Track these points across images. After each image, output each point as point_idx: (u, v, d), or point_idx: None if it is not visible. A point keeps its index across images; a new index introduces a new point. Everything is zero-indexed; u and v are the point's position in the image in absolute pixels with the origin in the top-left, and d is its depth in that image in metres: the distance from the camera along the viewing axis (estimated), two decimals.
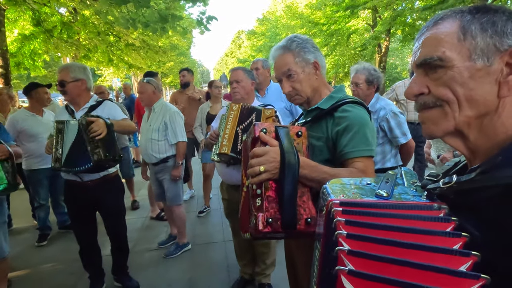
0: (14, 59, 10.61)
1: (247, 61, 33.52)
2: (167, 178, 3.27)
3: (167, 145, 3.23)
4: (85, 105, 2.53)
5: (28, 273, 3.22)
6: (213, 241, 3.71)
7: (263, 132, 1.19)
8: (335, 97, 1.39)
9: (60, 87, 2.43)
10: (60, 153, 2.32)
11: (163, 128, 3.19)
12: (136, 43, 11.06)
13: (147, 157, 3.26)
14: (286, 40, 1.42)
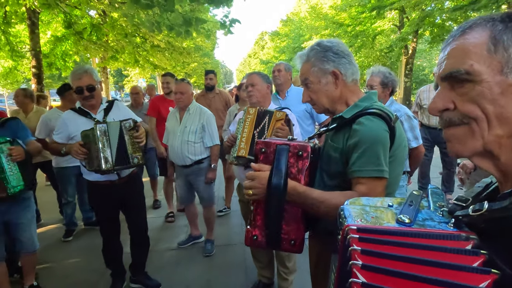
0: (47, 60, 11.04)
1: (270, 63, 33.53)
2: (201, 180, 3.32)
3: (202, 147, 3.27)
4: (101, 107, 2.59)
5: (54, 267, 3.34)
6: (232, 243, 3.73)
7: (262, 151, 1.24)
8: (360, 105, 1.31)
9: (89, 92, 2.43)
10: (109, 154, 2.36)
11: (200, 130, 3.22)
12: (161, 44, 11.28)
13: (180, 159, 3.26)
14: (308, 48, 1.39)
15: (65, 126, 2.53)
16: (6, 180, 2.28)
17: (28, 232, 2.60)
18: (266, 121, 2.27)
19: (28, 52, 11.34)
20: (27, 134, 2.59)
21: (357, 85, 1.37)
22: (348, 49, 1.36)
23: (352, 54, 1.37)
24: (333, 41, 1.35)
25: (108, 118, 2.53)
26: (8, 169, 2.29)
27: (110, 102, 2.64)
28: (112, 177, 2.55)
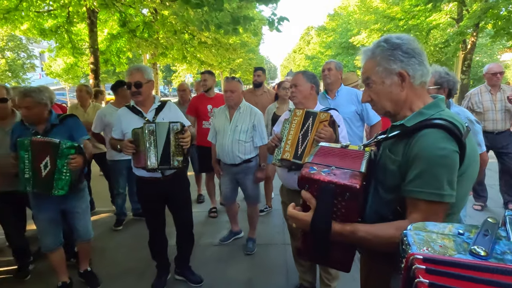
0: (103, 56, 11.74)
1: (315, 58, 32.93)
2: (249, 179, 3.34)
3: (251, 146, 3.28)
4: (152, 107, 2.66)
5: (105, 254, 3.56)
6: (273, 242, 3.72)
7: (304, 189, 1.12)
8: (425, 113, 1.14)
9: (136, 88, 2.53)
10: (154, 153, 2.44)
11: (250, 130, 3.23)
12: (208, 41, 11.52)
13: (230, 158, 3.28)
14: (374, 44, 1.25)
15: (119, 123, 2.66)
16: (56, 183, 2.43)
17: (83, 221, 2.77)
18: (310, 123, 2.21)
19: (87, 49, 12.17)
20: (82, 133, 2.71)
21: (424, 89, 1.22)
22: (420, 46, 1.19)
23: (425, 53, 1.20)
24: (403, 38, 1.19)
25: (158, 118, 2.61)
26: (63, 173, 2.44)
27: (162, 103, 2.71)
28: (157, 175, 2.64)
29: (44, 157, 2.44)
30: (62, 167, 2.43)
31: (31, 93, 2.46)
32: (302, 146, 2.21)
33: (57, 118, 2.65)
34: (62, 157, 2.42)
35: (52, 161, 2.43)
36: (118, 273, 3.17)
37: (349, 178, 1.05)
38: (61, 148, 2.41)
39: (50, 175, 2.43)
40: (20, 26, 9.72)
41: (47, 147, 2.43)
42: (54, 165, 2.42)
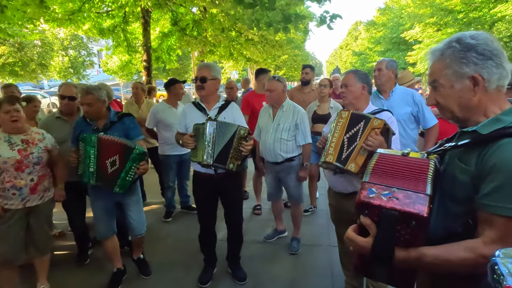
0: (155, 54, 12.26)
1: (363, 54, 31.77)
2: (291, 177, 3.33)
3: (294, 145, 3.26)
4: (216, 105, 2.74)
5: (155, 245, 3.73)
6: (318, 243, 3.67)
7: (363, 214, 1.03)
8: (503, 120, 1.02)
9: (200, 82, 2.65)
10: (212, 149, 2.52)
11: (293, 128, 3.22)
12: (255, 38, 11.57)
13: (272, 156, 3.29)
14: (445, 43, 1.12)
15: (184, 118, 2.79)
16: (119, 181, 2.59)
17: (135, 213, 2.90)
18: (361, 127, 2.12)
19: (140, 47, 12.81)
20: (138, 132, 2.84)
21: (501, 92, 1.09)
22: (500, 45, 1.06)
23: (504, 53, 1.07)
24: (479, 38, 1.06)
25: (220, 116, 2.68)
26: (128, 175, 2.60)
27: (226, 102, 2.77)
28: (210, 171, 2.71)
29: (111, 155, 2.60)
30: (130, 169, 2.58)
31: (92, 91, 2.63)
32: (347, 150, 2.13)
33: (116, 115, 2.81)
34: (132, 161, 2.58)
35: (121, 161, 2.58)
36: (166, 264, 3.31)
37: (415, 204, 0.94)
38: (134, 153, 2.57)
39: (117, 173, 2.59)
40: (82, 26, 10.45)
41: (117, 147, 2.59)
42: (123, 166, 2.58)
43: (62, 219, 3.81)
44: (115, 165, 2.60)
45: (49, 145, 2.70)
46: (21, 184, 2.52)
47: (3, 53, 16.42)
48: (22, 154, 2.51)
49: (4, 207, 2.52)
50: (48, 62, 18.59)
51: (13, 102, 2.53)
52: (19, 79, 18.07)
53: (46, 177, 2.70)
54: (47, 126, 3.00)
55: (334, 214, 2.60)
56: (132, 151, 2.57)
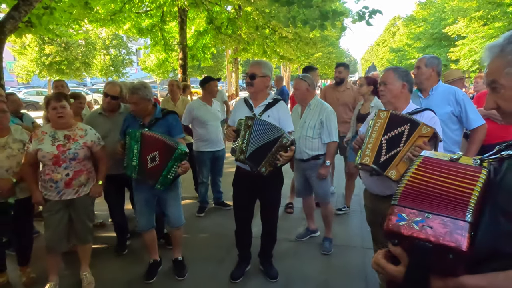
0: (190, 52, 12.53)
1: (401, 51, 30.60)
2: (316, 175, 3.33)
3: (320, 143, 3.26)
4: (263, 102, 2.75)
5: (189, 239, 3.81)
6: (351, 245, 3.59)
7: (393, 243, 0.92)
8: None
9: (250, 79, 2.69)
10: (245, 146, 2.55)
11: (318, 126, 3.22)
12: (289, 36, 11.49)
13: (298, 153, 3.29)
14: (505, 38, 0.98)
15: (234, 112, 2.87)
16: (161, 179, 2.69)
17: (174, 207, 2.99)
18: (405, 132, 2.02)
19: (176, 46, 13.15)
20: (179, 131, 2.94)
21: None
22: None
23: None
24: None
25: (264, 115, 2.68)
26: (170, 173, 2.69)
27: (274, 101, 2.76)
28: (248, 168, 2.73)
29: (152, 151, 2.70)
30: (172, 168, 2.67)
31: (137, 91, 2.74)
32: (387, 154, 2.05)
33: (161, 112, 2.91)
34: (174, 160, 2.66)
35: (162, 158, 2.67)
36: (199, 258, 3.39)
37: (452, 234, 0.82)
38: (177, 153, 2.65)
39: (158, 170, 2.68)
40: (123, 26, 10.89)
41: (160, 144, 2.68)
42: (165, 164, 2.66)
43: (103, 210, 4.01)
44: (155, 161, 2.68)
45: (90, 141, 2.80)
46: (57, 178, 2.64)
47: (51, 52, 17.50)
48: (60, 149, 2.64)
49: (45, 197, 2.68)
50: (91, 60, 19.61)
51: (60, 99, 2.68)
52: (65, 77, 19.18)
53: (83, 172, 2.78)
54: (90, 122, 3.16)
55: (370, 216, 2.53)
56: (174, 151, 2.65)
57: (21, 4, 4.98)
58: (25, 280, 2.95)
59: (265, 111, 2.72)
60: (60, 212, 2.72)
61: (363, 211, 2.54)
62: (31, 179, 2.67)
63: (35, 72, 17.94)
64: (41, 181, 2.69)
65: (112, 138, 3.18)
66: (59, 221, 2.72)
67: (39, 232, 3.70)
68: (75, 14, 8.39)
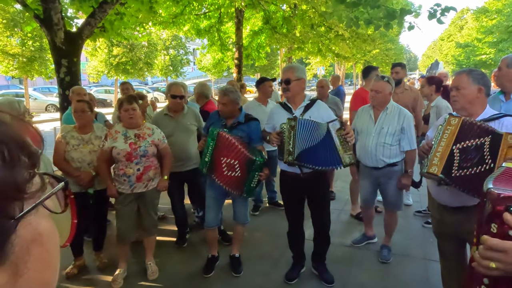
0: (245, 52, 12.76)
1: (469, 46, 28.12)
2: (392, 183, 3.17)
3: (397, 150, 3.09)
4: (302, 104, 2.76)
5: (245, 237, 3.89)
6: (412, 255, 3.41)
7: (509, 211, 0.86)
8: None
9: (285, 85, 2.71)
10: (292, 147, 2.57)
11: (398, 133, 3.04)
12: (346, 34, 11.17)
13: (372, 161, 3.14)
14: None
15: (272, 118, 2.89)
16: (247, 187, 2.82)
17: (241, 206, 3.12)
18: (486, 145, 1.86)
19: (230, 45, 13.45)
20: (259, 139, 3.00)
21: None
22: None
23: None
24: None
25: (305, 115, 2.69)
26: (252, 182, 2.81)
27: (312, 101, 2.79)
28: (297, 170, 2.74)
29: (228, 156, 2.80)
30: (253, 177, 2.79)
31: (229, 93, 2.89)
32: (463, 169, 1.90)
33: (244, 118, 3.02)
34: (255, 171, 2.78)
35: (243, 170, 2.78)
36: (254, 256, 3.45)
37: None
38: (256, 164, 2.76)
39: (242, 181, 2.81)
40: (183, 28, 11.42)
41: (240, 155, 2.77)
42: (247, 175, 2.78)
43: (165, 203, 4.26)
44: (235, 171, 2.80)
45: (156, 139, 3.01)
46: (130, 173, 2.89)
47: (118, 53, 18.91)
48: (132, 147, 2.87)
49: (118, 190, 2.93)
50: (152, 61, 20.83)
51: (131, 101, 2.91)
52: (129, 76, 20.62)
53: (151, 168, 3.00)
54: (156, 122, 3.38)
55: (437, 227, 2.38)
56: (254, 162, 2.75)
57: (97, 12, 5.45)
58: (98, 264, 3.26)
59: (305, 112, 2.72)
60: (130, 205, 2.95)
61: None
62: (106, 173, 2.93)
63: (104, 72, 19.54)
64: (115, 176, 2.94)
65: (176, 137, 3.38)
66: (129, 213, 2.96)
67: (110, 221, 4.04)
68: (140, 18, 8.97)
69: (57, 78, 5.44)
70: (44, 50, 14.83)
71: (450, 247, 2.33)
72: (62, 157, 2.96)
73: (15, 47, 14.36)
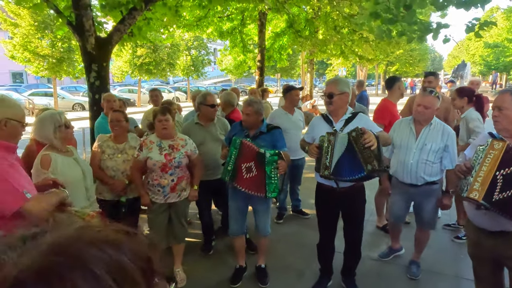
0: (267, 53, 12.77)
1: (499, 47, 27.14)
2: (430, 201, 3.05)
3: (439, 168, 2.97)
4: (343, 117, 2.73)
5: (269, 246, 3.91)
6: (442, 272, 3.33)
7: None
8: None
9: (328, 98, 2.70)
10: (329, 162, 2.56)
11: (441, 151, 2.91)
12: (370, 37, 10.99)
13: (412, 178, 3.01)
14: None
15: (312, 129, 2.90)
16: (268, 185, 2.79)
17: (263, 218, 3.12)
18: None
19: (251, 46, 13.47)
20: (283, 145, 3.03)
21: None
22: None
23: None
24: None
25: (346, 128, 2.65)
26: (272, 178, 2.79)
27: (353, 114, 2.73)
28: (333, 184, 2.73)
29: (248, 160, 2.84)
30: (271, 172, 2.78)
31: (253, 104, 2.93)
32: (503, 192, 1.85)
33: (266, 127, 3.05)
34: (269, 164, 2.77)
35: (258, 168, 2.80)
36: (279, 267, 3.44)
37: None
38: (267, 157, 2.76)
39: (261, 181, 2.80)
40: (206, 30, 11.53)
41: (253, 154, 2.82)
42: (263, 172, 2.78)
43: (191, 208, 4.31)
44: (252, 172, 2.82)
45: (189, 150, 3.08)
46: (164, 183, 2.96)
47: (142, 54, 19.29)
48: (167, 158, 2.94)
49: (152, 200, 3.00)
50: (175, 61, 21.15)
51: (165, 113, 2.97)
52: (152, 76, 21.02)
53: (184, 178, 3.08)
54: (188, 131, 3.44)
55: (473, 249, 2.32)
56: (264, 156, 2.76)
57: (126, 18, 5.59)
58: None
59: (346, 125, 2.68)
60: (163, 214, 3.03)
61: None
62: (140, 183, 3.01)
63: (128, 72, 19.99)
64: (149, 186, 3.01)
65: (206, 145, 3.43)
66: (161, 222, 3.04)
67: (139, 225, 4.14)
68: (166, 21, 9.12)
69: (87, 82, 5.60)
70: (72, 51, 15.31)
71: (487, 271, 2.27)
72: (98, 166, 3.06)
73: (45, 48, 14.89)
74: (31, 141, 2.96)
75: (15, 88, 23.07)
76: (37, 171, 2.31)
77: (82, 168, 2.61)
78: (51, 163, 2.34)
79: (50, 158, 2.35)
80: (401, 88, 3.97)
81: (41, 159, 2.34)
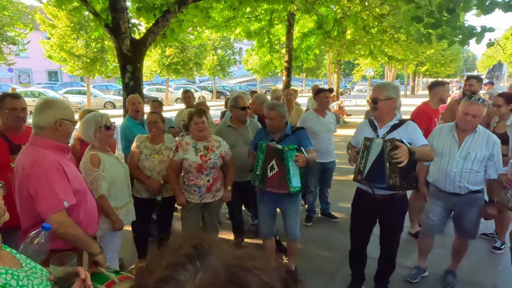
0: (294, 54, 12.71)
1: None
2: (473, 211, 2.93)
3: (483, 176, 2.86)
4: (389, 123, 2.65)
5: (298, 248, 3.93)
6: (479, 283, 3.22)
7: None
8: None
9: (373, 104, 2.67)
10: (363, 166, 2.55)
11: (486, 159, 2.80)
12: (401, 37, 10.72)
13: (454, 187, 2.89)
14: None
15: (358, 133, 2.89)
16: (289, 180, 2.79)
17: (292, 222, 3.13)
18: None
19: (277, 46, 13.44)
20: (308, 143, 3.05)
21: None
22: None
23: None
24: None
25: (390, 135, 2.57)
26: (292, 171, 2.80)
27: (400, 121, 2.66)
28: (368, 189, 2.70)
29: (270, 160, 2.88)
30: (289, 167, 2.79)
31: (276, 107, 2.94)
32: None
33: (290, 129, 3.07)
34: (288, 159, 2.78)
35: (279, 164, 2.82)
36: (310, 270, 3.45)
37: None
38: (285, 152, 2.77)
39: (284, 177, 2.80)
40: (235, 31, 11.63)
41: (274, 152, 2.86)
42: (285, 167, 2.78)
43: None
44: (273, 169, 2.85)
45: (223, 151, 3.14)
46: (200, 184, 3.04)
47: (170, 54, 19.72)
48: (203, 159, 3.01)
49: (187, 199, 3.08)
50: (202, 61, 21.49)
51: (201, 115, 3.04)
52: (179, 76, 21.44)
53: (219, 179, 3.15)
54: (220, 133, 3.50)
55: None
56: (282, 151, 2.77)
57: (160, 21, 5.75)
58: None
59: (391, 132, 2.62)
60: (197, 213, 3.11)
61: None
62: (176, 183, 3.09)
63: (157, 72, 20.49)
64: (185, 186, 3.10)
65: (238, 148, 3.48)
66: (195, 221, 3.13)
67: None
68: (196, 22, 9.28)
69: (122, 82, 5.80)
70: (105, 51, 15.88)
71: None
72: (136, 165, 3.17)
73: (80, 48, 15.53)
74: (75, 141, 3.12)
75: (51, 86, 24.16)
76: (88, 170, 2.43)
77: (124, 166, 2.73)
78: (100, 161, 2.46)
79: (99, 157, 2.47)
80: (440, 93, 3.79)
81: (90, 158, 2.45)
